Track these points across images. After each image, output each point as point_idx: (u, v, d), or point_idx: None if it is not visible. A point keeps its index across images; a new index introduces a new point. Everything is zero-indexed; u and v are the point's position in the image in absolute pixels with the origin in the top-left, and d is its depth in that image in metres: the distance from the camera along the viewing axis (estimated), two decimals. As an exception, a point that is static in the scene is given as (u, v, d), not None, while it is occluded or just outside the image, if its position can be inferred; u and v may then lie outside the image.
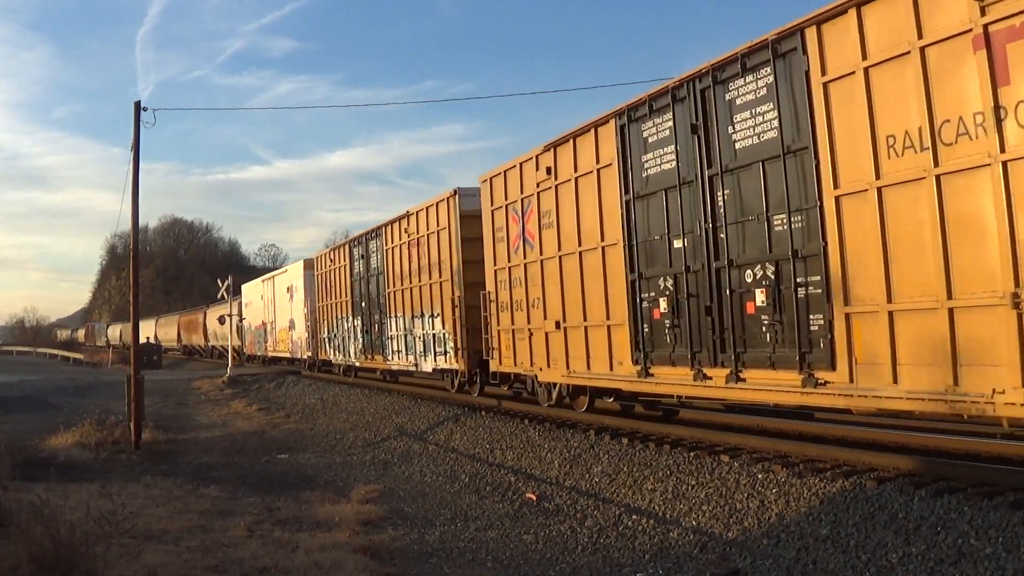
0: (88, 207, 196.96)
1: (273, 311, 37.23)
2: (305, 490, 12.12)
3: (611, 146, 12.00)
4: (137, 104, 18.04)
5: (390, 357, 22.34)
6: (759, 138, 9.47)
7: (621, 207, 11.81)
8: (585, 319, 12.83)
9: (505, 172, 15.40)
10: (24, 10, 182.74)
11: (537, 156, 14.09)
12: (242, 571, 7.75)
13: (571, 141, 13.08)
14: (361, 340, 24.74)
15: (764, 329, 9.49)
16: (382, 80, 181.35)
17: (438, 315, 18.67)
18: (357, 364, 26.07)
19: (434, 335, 19.00)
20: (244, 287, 44.34)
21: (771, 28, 9.29)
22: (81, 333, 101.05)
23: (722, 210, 10.02)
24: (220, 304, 41.81)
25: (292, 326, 33.98)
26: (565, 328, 13.36)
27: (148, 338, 58.23)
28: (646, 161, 11.37)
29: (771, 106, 9.26)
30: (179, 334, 63.26)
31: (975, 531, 6.59)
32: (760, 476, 8.99)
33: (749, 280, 9.71)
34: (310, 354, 31.33)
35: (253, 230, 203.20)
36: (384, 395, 21.91)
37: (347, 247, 26.14)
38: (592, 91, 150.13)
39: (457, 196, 17.71)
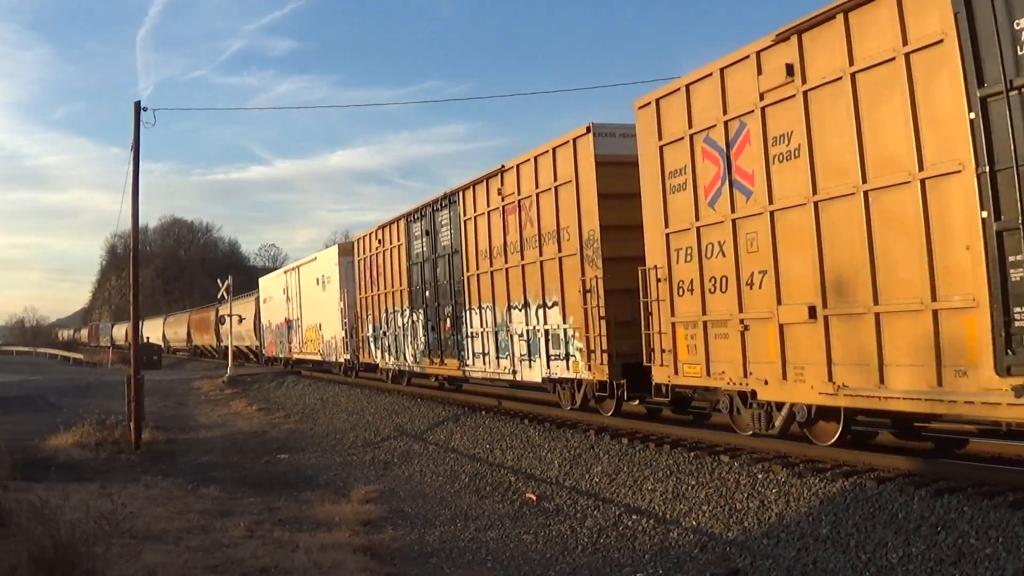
0: (88, 207, 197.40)
1: (299, 306, 31.87)
2: (305, 490, 12.14)
3: (938, 12, 7.42)
4: (137, 104, 18.08)
5: (469, 361, 17.47)
6: None
7: (971, 111, 7.18)
8: (876, 300, 8.23)
9: (687, 87, 10.63)
10: (24, 10, 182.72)
11: (759, 53, 9.47)
12: (242, 571, 7.76)
13: (838, 17, 8.48)
14: (423, 339, 19.97)
15: None
16: (382, 80, 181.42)
17: (555, 304, 14.05)
18: (417, 369, 20.93)
19: (547, 331, 14.35)
20: (262, 280, 39.91)
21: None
22: (84, 333, 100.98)
23: None
24: (234, 301, 39.76)
25: (324, 323, 28.89)
26: (826, 317, 8.81)
27: (148, 338, 58.10)
28: None
29: None
30: (189, 333, 60.44)
31: (975, 531, 6.60)
32: (760, 476, 9.00)
33: None
34: (348, 356, 26.52)
35: (253, 230, 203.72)
36: (384, 395, 21.89)
37: (403, 223, 21.09)
38: (592, 91, 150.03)
39: (591, 135, 12.81)
